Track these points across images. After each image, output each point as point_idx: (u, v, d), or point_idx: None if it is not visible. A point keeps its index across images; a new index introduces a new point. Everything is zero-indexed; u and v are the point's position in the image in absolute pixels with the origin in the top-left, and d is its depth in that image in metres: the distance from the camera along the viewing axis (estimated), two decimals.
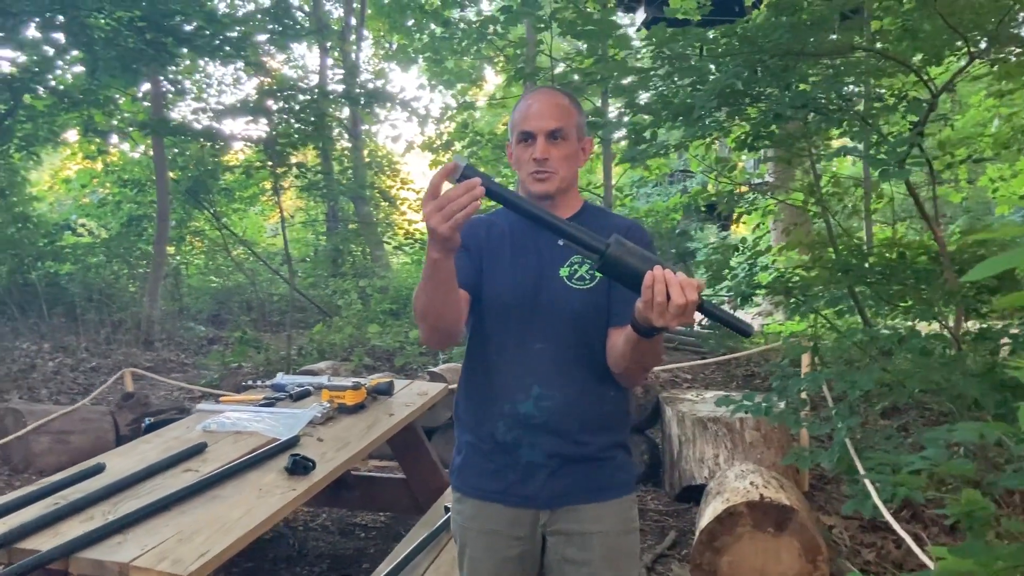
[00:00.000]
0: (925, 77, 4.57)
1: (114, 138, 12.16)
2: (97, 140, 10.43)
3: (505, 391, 1.87)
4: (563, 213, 1.90)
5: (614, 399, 1.90)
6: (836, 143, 6.05)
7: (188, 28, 7.41)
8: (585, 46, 6.05)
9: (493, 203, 1.65)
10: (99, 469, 2.61)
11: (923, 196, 6.47)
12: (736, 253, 6.23)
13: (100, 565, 2.01)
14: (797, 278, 5.12)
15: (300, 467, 2.62)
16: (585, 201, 2.00)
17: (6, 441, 4.98)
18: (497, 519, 1.89)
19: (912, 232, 10.72)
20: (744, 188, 7.58)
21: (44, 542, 2.06)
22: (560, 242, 1.80)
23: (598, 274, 1.83)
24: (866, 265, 5.06)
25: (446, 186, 1.52)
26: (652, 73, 5.20)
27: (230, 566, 3.74)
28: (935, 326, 4.66)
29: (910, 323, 4.86)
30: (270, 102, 7.59)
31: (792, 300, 4.88)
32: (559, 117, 1.86)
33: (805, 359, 4.54)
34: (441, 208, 1.47)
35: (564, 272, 1.86)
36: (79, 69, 8.87)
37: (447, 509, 3.30)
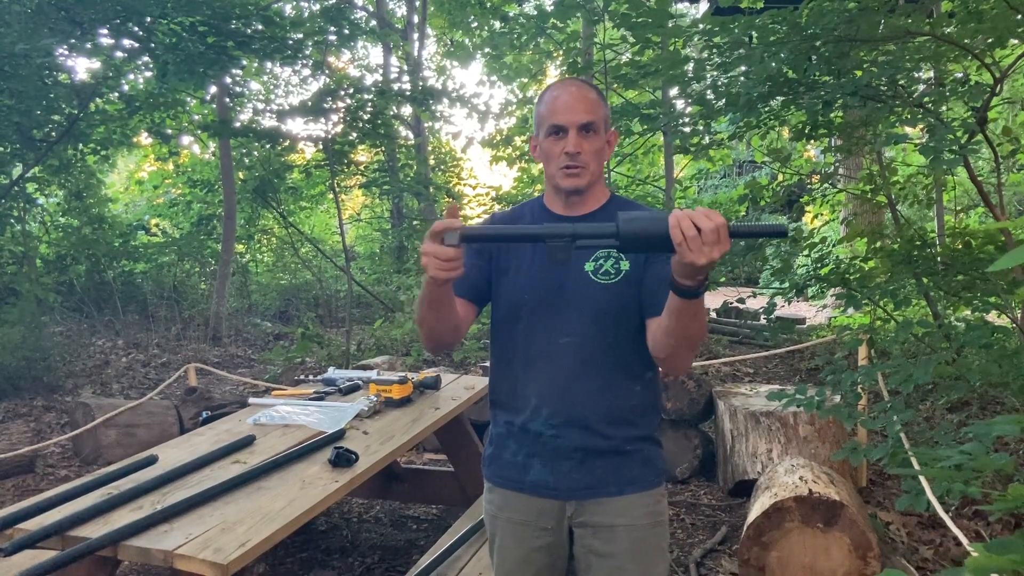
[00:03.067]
0: (988, 61, 4.41)
1: (185, 140, 12.52)
2: (169, 143, 10.73)
3: (531, 384, 1.88)
4: (592, 206, 1.92)
5: (640, 393, 1.90)
6: (912, 132, 5.90)
7: (248, 32, 7.57)
8: (635, 36, 5.95)
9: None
10: (152, 460, 2.71)
11: (993, 183, 6.25)
12: (804, 245, 6.11)
13: (146, 552, 2.09)
14: (855, 269, 5.01)
15: (343, 459, 2.67)
16: (612, 193, 1.99)
17: (76, 434, 5.19)
18: (525, 509, 1.92)
19: (990, 221, 10.36)
20: (815, 178, 7.45)
21: (95, 530, 2.15)
22: (575, 246, 1.79)
23: (624, 267, 1.84)
24: (929, 253, 4.92)
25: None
26: (706, 63, 5.15)
27: (284, 556, 3.84)
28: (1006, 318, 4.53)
29: (979, 315, 4.71)
30: (329, 101, 7.70)
31: (849, 291, 4.77)
32: (590, 110, 1.83)
33: (862, 352, 4.44)
34: (438, 260, 1.57)
35: (589, 267, 1.86)
36: (149, 73, 9.16)
37: None
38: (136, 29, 7.27)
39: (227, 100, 10.57)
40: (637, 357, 1.87)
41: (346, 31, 8.47)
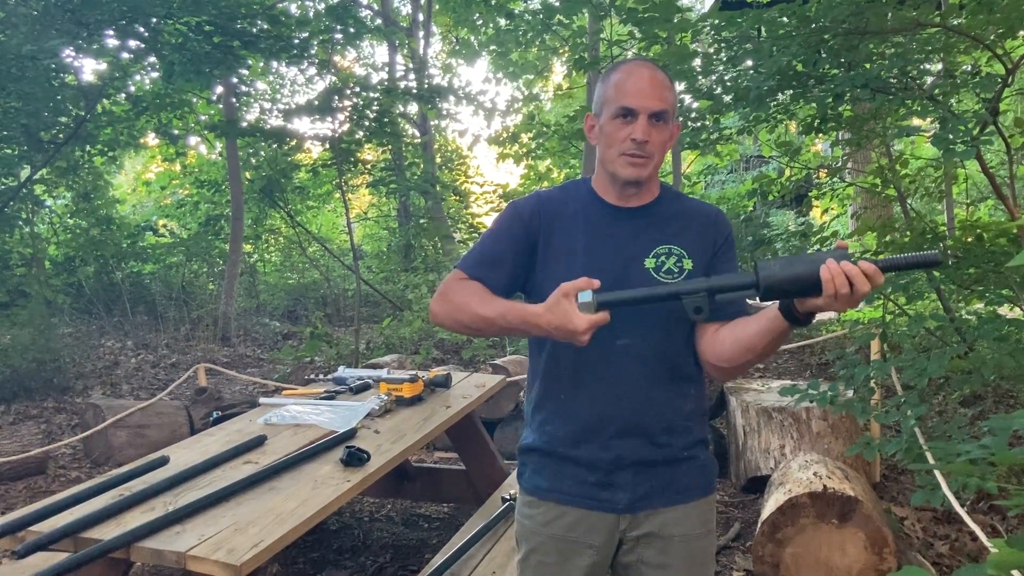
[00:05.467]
0: (999, 52, 4.37)
1: (192, 140, 12.55)
2: (176, 144, 10.75)
3: (584, 391, 1.77)
4: (646, 199, 1.81)
5: (695, 396, 1.81)
6: (922, 125, 5.87)
7: (254, 31, 7.57)
8: (642, 32, 5.92)
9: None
10: (163, 461, 2.70)
11: (1004, 176, 6.21)
12: (814, 239, 6.10)
13: (159, 554, 2.08)
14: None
15: (355, 459, 2.66)
16: (663, 184, 1.88)
17: (87, 435, 5.20)
18: (573, 525, 1.79)
19: (1000, 214, 10.30)
20: (823, 173, 7.41)
21: (108, 531, 2.15)
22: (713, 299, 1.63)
23: (687, 266, 1.75)
24: (940, 247, 4.89)
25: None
26: (714, 57, 5.12)
27: (296, 556, 3.83)
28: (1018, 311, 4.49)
29: (991, 308, 4.68)
30: (336, 100, 7.70)
31: None
32: (664, 98, 1.71)
33: (874, 346, 4.41)
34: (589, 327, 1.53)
35: (650, 264, 1.74)
36: (155, 74, 9.18)
37: (504, 500, 3.32)
38: (142, 30, 7.28)
39: (233, 100, 10.57)
40: (691, 359, 1.78)
41: (351, 29, 8.45)
